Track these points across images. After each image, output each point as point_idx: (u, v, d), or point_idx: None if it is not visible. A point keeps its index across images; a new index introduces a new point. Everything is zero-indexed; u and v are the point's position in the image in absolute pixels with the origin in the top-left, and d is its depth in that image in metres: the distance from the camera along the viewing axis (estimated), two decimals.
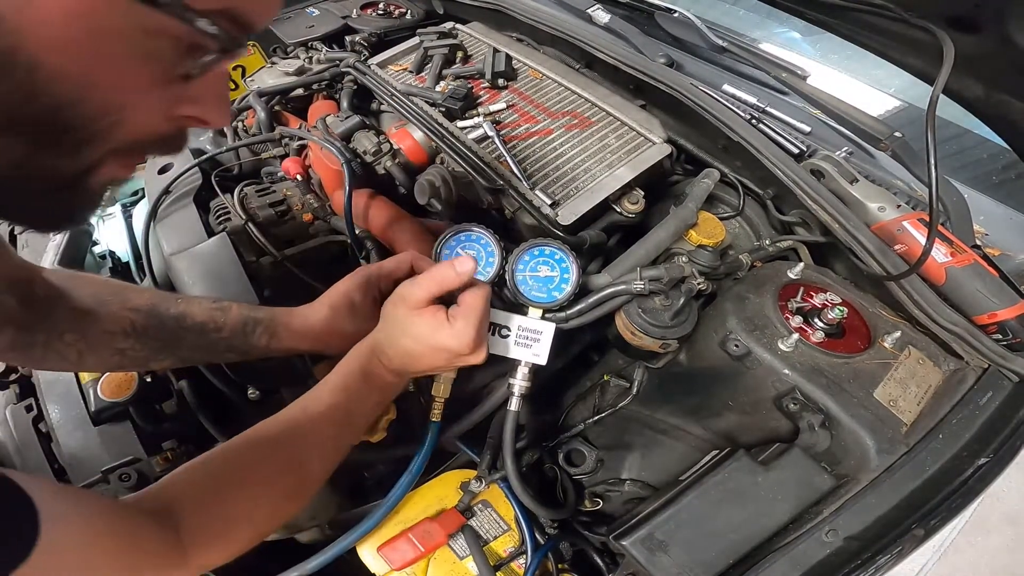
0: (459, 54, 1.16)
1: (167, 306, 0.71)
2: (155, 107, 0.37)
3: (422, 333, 0.63)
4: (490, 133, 0.94)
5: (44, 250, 1.03)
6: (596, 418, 0.87)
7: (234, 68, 1.43)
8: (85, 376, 0.85)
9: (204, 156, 1.08)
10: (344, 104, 1.13)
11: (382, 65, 1.16)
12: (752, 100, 1.18)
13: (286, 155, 1.10)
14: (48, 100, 0.32)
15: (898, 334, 0.74)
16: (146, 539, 0.49)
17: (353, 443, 0.68)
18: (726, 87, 1.22)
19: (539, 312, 0.72)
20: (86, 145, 0.36)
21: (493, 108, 1.00)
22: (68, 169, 0.37)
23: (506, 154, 0.90)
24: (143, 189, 1.19)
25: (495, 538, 0.75)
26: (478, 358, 0.66)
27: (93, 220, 1.11)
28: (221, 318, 0.73)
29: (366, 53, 1.29)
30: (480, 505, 0.77)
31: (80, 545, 0.42)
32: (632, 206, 0.89)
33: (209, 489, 0.57)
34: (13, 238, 1.12)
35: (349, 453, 0.68)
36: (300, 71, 1.26)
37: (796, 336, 0.72)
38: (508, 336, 0.71)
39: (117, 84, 0.34)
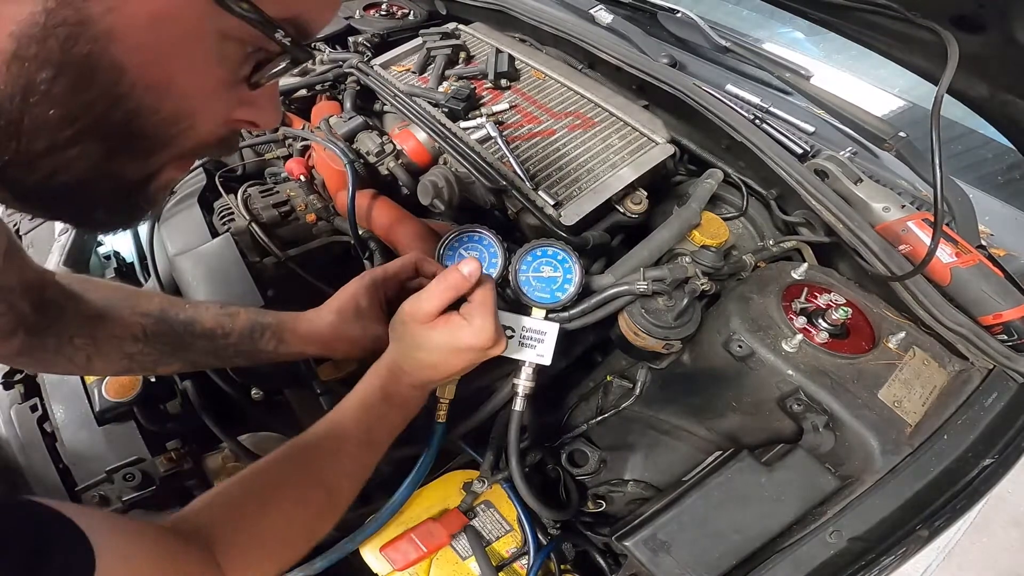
0: (462, 55, 1.16)
1: (176, 311, 0.71)
2: (219, 112, 0.38)
3: (442, 342, 0.62)
4: (493, 134, 0.94)
5: (49, 251, 1.03)
6: (599, 419, 0.87)
7: None
8: (90, 376, 0.85)
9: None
10: (347, 105, 1.13)
11: (385, 66, 1.16)
12: (755, 100, 1.18)
13: (289, 156, 1.10)
14: (130, 106, 0.32)
15: (903, 335, 0.73)
16: (188, 564, 0.49)
17: (378, 460, 0.68)
18: (729, 87, 1.22)
19: (542, 313, 0.72)
20: (158, 151, 0.36)
21: (496, 109, 1.00)
22: (137, 174, 0.37)
23: (509, 155, 0.90)
24: None
25: (497, 538, 0.75)
26: (500, 348, 0.65)
27: None
28: (229, 324, 0.73)
29: (369, 54, 1.29)
30: (482, 505, 0.77)
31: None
32: (635, 206, 0.88)
33: (241, 510, 0.57)
34: (19, 238, 1.12)
35: None
36: (303, 72, 1.26)
37: (800, 337, 0.72)
38: (512, 336, 0.71)
39: (192, 89, 0.35)
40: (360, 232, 0.95)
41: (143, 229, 1.04)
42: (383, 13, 1.47)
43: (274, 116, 0.42)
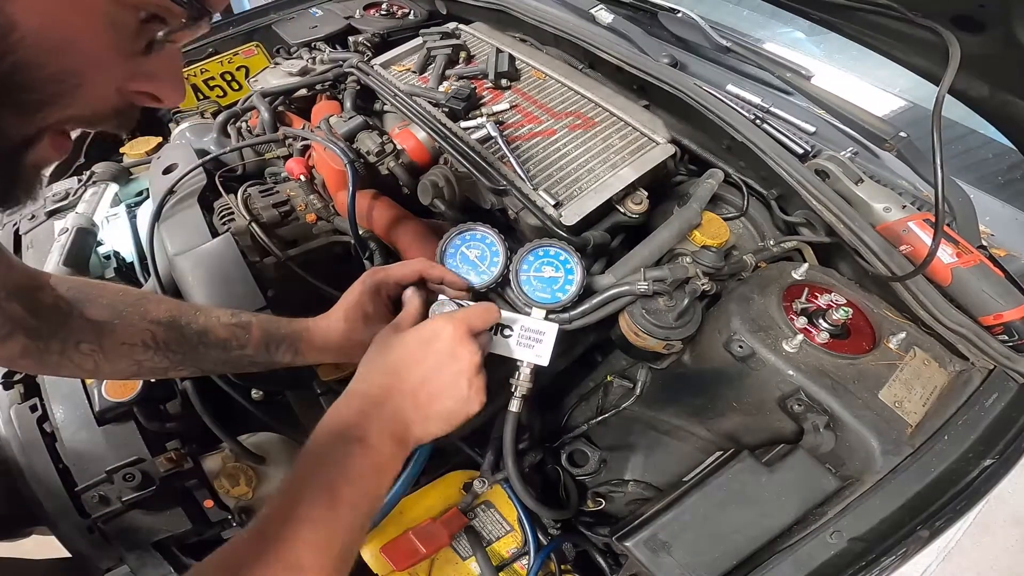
0: (462, 54, 1.16)
1: (187, 320, 0.69)
2: (111, 78, 0.39)
3: (410, 339, 0.62)
4: (493, 133, 0.94)
5: (49, 250, 1.03)
6: (599, 419, 0.87)
7: (238, 69, 1.43)
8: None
9: (208, 156, 1.09)
10: (347, 104, 1.13)
11: (385, 65, 1.16)
12: (756, 100, 1.18)
13: (290, 155, 1.10)
14: (15, 59, 0.33)
15: (903, 335, 0.73)
16: None
17: (355, 525, 0.54)
18: (730, 87, 1.22)
19: (542, 312, 0.72)
20: (40, 109, 0.37)
21: (496, 108, 1.00)
22: (14, 133, 0.37)
23: (509, 154, 0.90)
24: (147, 190, 1.20)
25: (498, 539, 0.75)
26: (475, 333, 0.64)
27: (96, 220, 1.12)
28: (243, 336, 0.72)
29: (369, 54, 1.29)
30: (483, 506, 0.77)
31: None
32: (636, 207, 0.88)
33: None
34: (18, 238, 1.12)
35: None
36: (303, 71, 1.27)
37: (801, 337, 0.71)
38: (510, 336, 0.70)
39: (81, 49, 0.36)
40: (360, 232, 0.95)
41: (143, 229, 1.03)
42: (383, 13, 1.47)
43: (176, 90, 0.42)
